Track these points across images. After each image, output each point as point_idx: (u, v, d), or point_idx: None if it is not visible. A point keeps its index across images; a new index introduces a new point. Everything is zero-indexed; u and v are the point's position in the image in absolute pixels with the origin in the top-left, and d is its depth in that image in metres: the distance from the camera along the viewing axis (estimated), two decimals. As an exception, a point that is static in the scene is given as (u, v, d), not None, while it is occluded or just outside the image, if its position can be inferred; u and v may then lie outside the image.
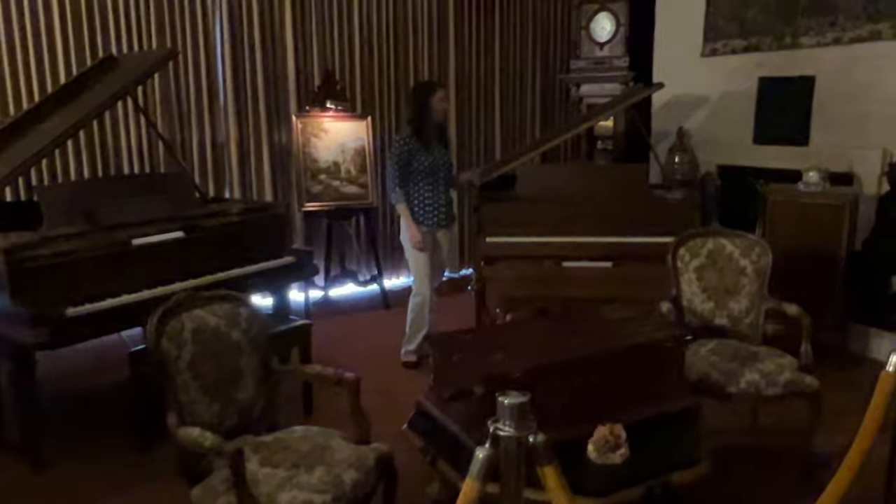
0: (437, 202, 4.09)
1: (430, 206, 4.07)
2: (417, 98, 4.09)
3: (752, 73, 5.17)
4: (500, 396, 1.42)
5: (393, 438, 2.61)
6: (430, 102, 4.00)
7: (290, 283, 4.15)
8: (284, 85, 5.45)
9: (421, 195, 4.06)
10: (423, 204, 4.07)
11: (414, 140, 4.00)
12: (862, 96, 4.56)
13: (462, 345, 2.52)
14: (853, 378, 3.67)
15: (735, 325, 3.25)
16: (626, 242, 4.05)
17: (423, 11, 5.94)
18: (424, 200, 4.07)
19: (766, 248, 3.23)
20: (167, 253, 3.39)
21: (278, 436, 2.28)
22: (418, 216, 4.07)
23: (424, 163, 4.01)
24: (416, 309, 4.20)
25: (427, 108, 4.00)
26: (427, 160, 4.02)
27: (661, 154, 5.42)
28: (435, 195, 4.08)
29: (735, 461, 3.06)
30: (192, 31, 5.06)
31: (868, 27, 4.48)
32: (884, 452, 2.10)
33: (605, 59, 6.05)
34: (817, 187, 4.30)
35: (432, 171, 4.04)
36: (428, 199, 4.07)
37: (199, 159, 5.21)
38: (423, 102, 4.01)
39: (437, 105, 4.02)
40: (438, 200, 4.10)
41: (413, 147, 3.99)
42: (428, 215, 4.08)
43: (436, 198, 4.09)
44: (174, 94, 5.08)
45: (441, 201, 4.11)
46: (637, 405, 2.42)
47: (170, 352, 2.15)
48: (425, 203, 4.07)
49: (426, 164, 4.02)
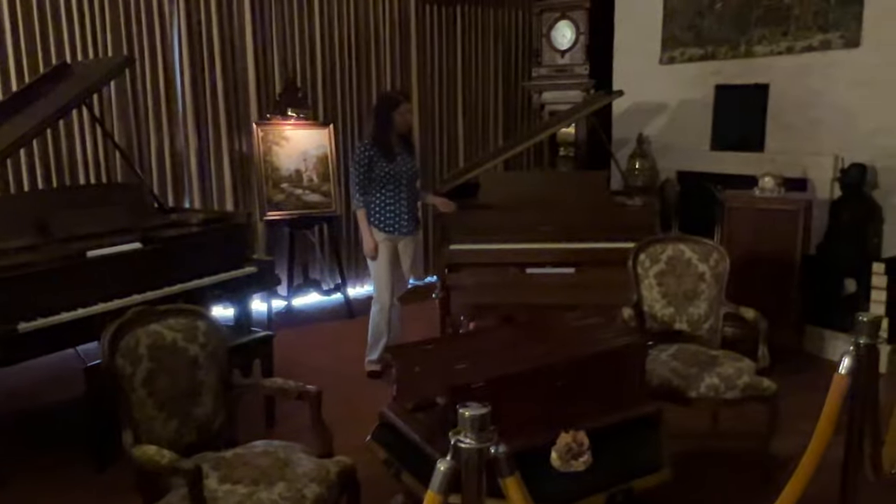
0: (398, 210, 4.06)
1: (390, 213, 4.05)
2: (380, 111, 4.07)
3: (708, 80, 5.28)
4: (460, 408, 1.42)
5: (357, 450, 2.58)
6: (392, 116, 3.98)
7: (251, 294, 4.08)
8: (245, 92, 5.38)
9: (382, 203, 4.04)
10: (384, 210, 4.05)
11: (375, 148, 3.98)
12: (814, 103, 4.69)
13: (424, 355, 2.51)
14: (810, 379, 3.75)
15: (695, 329, 3.30)
16: (588, 248, 4.09)
17: (384, 19, 5.93)
18: (385, 208, 4.04)
19: (724, 253, 3.29)
20: (124, 265, 3.31)
21: (238, 451, 2.24)
22: (379, 223, 4.05)
23: (385, 169, 3.98)
24: (376, 317, 4.18)
25: (389, 121, 3.98)
26: (388, 167, 3.99)
27: (621, 160, 5.50)
28: (396, 203, 4.05)
29: (696, 465, 3.10)
30: (149, 38, 4.97)
31: (819, 37, 4.62)
32: (839, 453, 2.14)
33: (566, 67, 6.12)
34: (773, 193, 4.40)
35: (394, 178, 4.01)
36: (389, 206, 4.04)
37: (157, 168, 5.11)
38: (386, 115, 3.99)
39: (399, 118, 4.00)
40: (399, 208, 4.06)
41: (374, 154, 3.97)
42: (388, 223, 4.06)
43: (397, 205, 4.05)
44: (131, 103, 4.99)
45: (402, 209, 4.07)
46: (600, 412, 2.44)
47: (124, 369, 2.10)
48: (386, 210, 4.04)
49: (387, 172, 3.99)
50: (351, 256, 5.96)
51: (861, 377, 2.04)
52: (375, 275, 4.16)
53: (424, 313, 4.88)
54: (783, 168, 4.52)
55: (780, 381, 2.97)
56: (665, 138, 5.66)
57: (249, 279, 3.81)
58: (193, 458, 2.06)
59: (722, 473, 3.09)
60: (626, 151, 5.77)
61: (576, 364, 2.42)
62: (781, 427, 3.04)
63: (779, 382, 2.96)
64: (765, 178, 4.42)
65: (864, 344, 2.01)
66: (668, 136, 5.63)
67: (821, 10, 4.59)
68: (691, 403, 2.87)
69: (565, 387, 2.37)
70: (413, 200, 4.16)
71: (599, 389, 2.47)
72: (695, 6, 5.34)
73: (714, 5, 5.21)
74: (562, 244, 4.14)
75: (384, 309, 4.15)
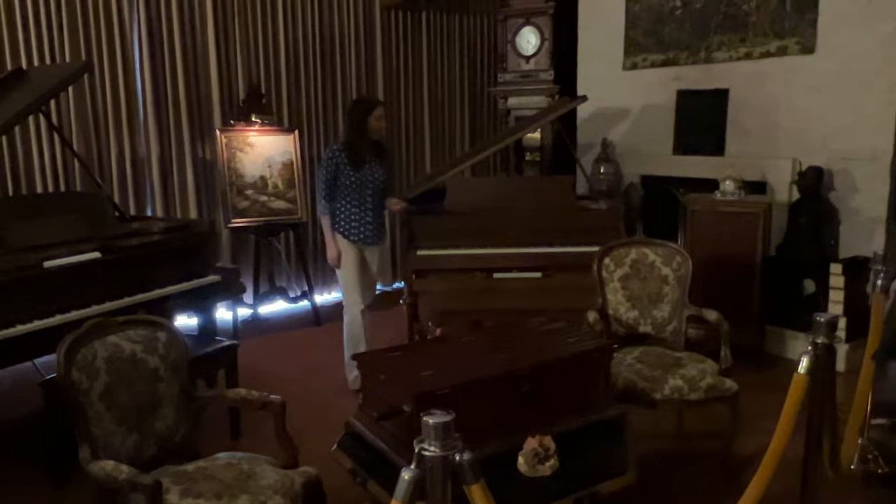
0: (363, 219, 3.99)
1: (354, 221, 3.98)
2: (354, 114, 4.00)
3: (670, 86, 5.36)
4: (424, 416, 1.41)
5: (323, 460, 2.56)
6: (367, 120, 3.91)
7: (216, 303, 4.02)
8: (208, 98, 5.32)
9: (347, 210, 3.98)
10: (349, 219, 3.98)
11: (343, 154, 3.92)
12: (772, 108, 4.79)
13: (390, 362, 2.50)
14: (771, 378, 3.82)
15: (659, 332, 3.34)
16: (554, 252, 4.11)
17: (349, 25, 5.91)
18: (350, 216, 3.98)
19: (686, 256, 3.34)
20: (83, 275, 3.23)
21: (200, 464, 2.20)
22: (344, 231, 3.99)
23: (351, 177, 3.92)
24: (350, 328, 4.08)
25: (364, 125, 3.91)
26: (354, 175, 3.92)
27: (586, 165, 5.55)
28: (361, 211, 3.98)
29: (661, 466, 3.14)
30: (108, 42, 4.89)
31: (776, 43, 4.72)
32: (800, 451, 2.18)
33: (531, 73, 6.16)
34: (733, 196, 4.48)
35: (359, 186, 3.94)
36: (353, 214, 3.98)
37: (118, 176, 5.02)
38: (361, 119, 3.92)
39: (374, 123, 3.93)
40: (364, 217, 3.99)
41: (341, 161, 3.92)
42: (353, 231, 3.99)
43: (362, 214, 3.98)
44: (90, 109, 4.89)
45: (367, 218, 4.00)
46: (566, 416, 2.45)
47: (81, 383, 2.05)
48: (350, 218, 3.98)
49: (353, 180, 3.92)
50: (318, 263, 5.92)
51: (819, 377, 2.09)
52: (343, 282, 4.09)
53: (392, 319, 4.86)
54: (743, 171, 4.60)
55: (742, 381, 3.02)
56: (629, 143, 5.73)
57: (213, 288, 3.76)
58: (154, 472, 2.02)
59: (687, 474, 3.13)
60: (591, 156, 5.83)
61: (541, 369, 2.42)
62: (744, 426, 3.09)
63: (741, 382, 3.01)
64: (725, 181, 4.50)
65: (821, 344, 2.06)
66: (632, 140, 5.71)
67: (777, 17, 4.70)
68: (656, 405, 2.90)
69: (531, 392, 2.37)
70: (379, 210, 4.09)
71: (565, 394, 2.48)
72: (656, 13, 5.42)
73: (675, 12, 5.30)
74: (528, 249, 4.15)
75: (356, 317, 4.03)
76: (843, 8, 4.38)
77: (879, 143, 4.30)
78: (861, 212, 4.42)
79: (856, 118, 4.38)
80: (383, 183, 4.06)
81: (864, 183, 4.39)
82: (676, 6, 5.28)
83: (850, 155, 4.42)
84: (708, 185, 4.73)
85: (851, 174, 4.44)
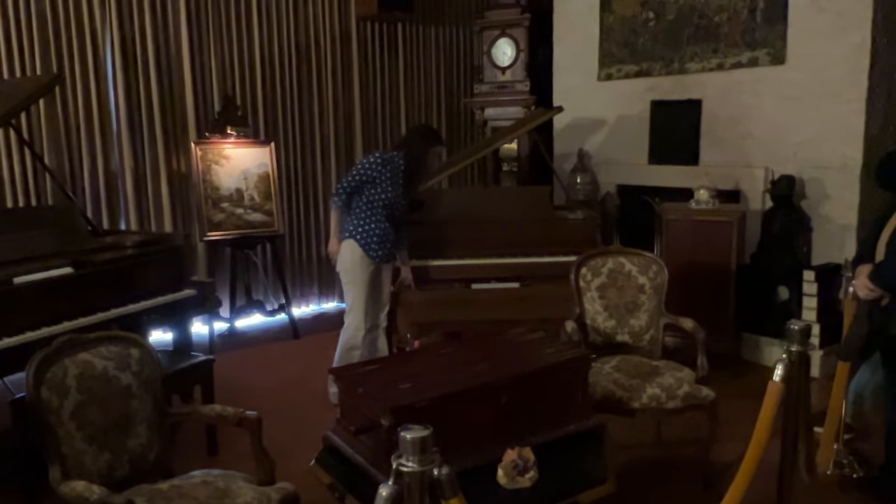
0: (389, 237, 3.89)
1: (381, 238, 3.85)
2: (422, 142, 3.89)
3: (644, 96, 5.42)
4: (401, 431, 1.40)
5: (301, 475, 2.53)
6: (430, 152, 3.85)
7: (191, 317, 3.97)
8: (182, 110, 5.26)
9: (376, 225, 3.84)
10: (378, 235, 3.84)
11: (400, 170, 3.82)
12: (744, 118, 4.86)
13: (368, 376, 2.48)
14: (747, 385, 3.85)
15: (636, 341, 3.36)
16: (532, 263, 4.13)
17: (325, 36, 5.90)
18: (378, 231, 3.84)
19: (662, 265, 3.37)
20: (54, 291, 3.17)
21: (175, 482, 2.16)
22: (366, 245, 3.83)
23: (390, 193, 3.81)
24: (345, 345, 3.88)
25: (425, 154, 3.85)
26: (393, 193, 3.82)
27: (563, 175, 5.59)
28: (387, 230, 3.87)
29: (640, 475, 3.15)
30: (80, 54, 4.82)
31: (747, 54, 4.79)
32: (777, 457, 2.20)
33: (507, 84, 6.20)
34: (707, 205, 4.53)
35: (392, 205, 3.85)
36: (381, 230, 3.84)
37: (91, 190, 4.94)
38: (425, 148, 3.85)
39: (432, 159, 3.90)
40: (389, 236, 3.89)
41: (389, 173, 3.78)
42: (378, 247, 3.84)
43: (387, 233, 3.88)
44: (62, 122, 4.82)
45: (391, 237, 3.90)
46: (545, 427, 2.45)
47: (50, 402, 2.00)
48: (379, 234, 3.84)
49: (390, 196, 3.82)
50: (295, 276, 5.88)
51: (794, 383, 2.11)
52: (352, 300, 3.89)
53: (371, 331, 4.83)
54: (717, 181, 4.65)
55: (719, 388, 3.05)
56: (605, 153, 5.78)
57: (188, 302, 3.70)
58: (127, 492, 1.98)
59: (666, 482, 3.14)
60: (567, 166, 5.86)
61: (519, 380, 2.42)
62: (722, 433, 3.11)
63: (718, 389, 3.03)
64: (700, 190, 4.55)
65: (795, 351, 2.08)
66: (608, 150, 5.75)
67: (748, 28, 4.77)
68: (634, 414, 2.91)
69: (510, 403, 2.37)
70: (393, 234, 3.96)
71: (544, 404, 2.48)
72: (630, 24, 5.48)
73: (648, 24, 5.36)
74: (506, 259, 4.16)
75: (355, 339, 3.86)
76: (811, 20, 4.47)
77: (849, 151, 4.38)
78: (832, 219, 4.49)
79: (825, 127, 4.46)
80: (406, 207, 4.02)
81: (835, 191, 4.46)
82: (650, 18, 5.35)
83: (820, 164, 4.50)
84: (683, 194, 4.78)
85: (822, 182, 4.51)
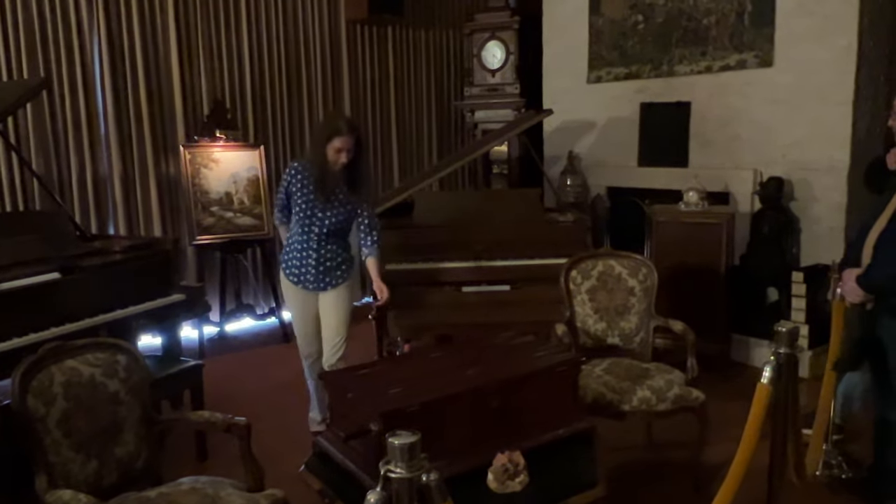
0: (305, 259, 3.33)
1: (295, 259, 3.37)
2: (317, 138, 3.36)
3: (633, 99, 5.43)
4: (389, 437, 1.40)
5: (291, 481, 2.52)
6: (327, 148, 3.21)
7: (180, 322, 3.95)
8: (171, 114, 5.24)
9: (291, 242, 3.40)
10: (290, 253, 3.40)
11: (299, 176, 3.29)
12: (733, 120, 4.89)
13: (357, 380, 2.47)
14: (738, 387, 3.86)
15: (626, 343, 3.37)
16: (522, 265, 4.12)
17: (315, 39, 5.88)
18: (292, 249, 3.39)
19: (652, 267, 3.37)
20: (41, 297, 3.14)
21: (163, 490, 2.14)
22: (289, 266, 3.41)
23: (301, 205, 3.28)
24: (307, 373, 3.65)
25: (323, 152, 3.23)
26: (304, 205, 3.27)
27: (553, 178, 5.59)
28: (304, 249, 3.32)
29: (631, 478, 3.15)
30: (67, 58, 4.78)
31: (735, 57, 4.82)
32: (767, 459, 2.21)
33: (498, 86, 6.21)
34: (697, 207, 4.55)
35: (307, 220, 3.29)
36: (295, 250, 3.37)
37: (79, 194, 4.91)
38: (322, 145, 3.24)
39: (332, 155, 3.21)
40: (306, 258, 3.32)
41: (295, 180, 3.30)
42: (292, 268, 3.39)
43: (304, 254, 3.32)
44: (49, 126, 4.78)
45: (308, 260, 3.32)
46: (535, 431, 2.44)
47: (37, 409, 1.99)
48: (292, 254, 3.39)
49: (302, 208, 3.27)
50: (286, 279, 5.86)
51: (782, 386, 2.12)
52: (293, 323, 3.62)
53: (361, 335, 4.81)
54: (706, 182, 4.67)
55: (709, 390, 3.06)
56: (595, 155, 5.79)
57: (178, 307, 3.68)
58: (114, 500, 1.96)
59: (656, 485, 3.14)
60: (557, 168, 5.87)
61: (510, 384, 2.42)
62: (712, 435, 3.12)
63: (708, 391, 3.04)
64: (689, 192, 4.57)
65: (783, 353, 2.09)
66: (598, 152, 5.76)
67: (736, 31, 4.80)
68: (625, 417, 2.91)
69: (500, 407, 2.37)
70: (331, 255, 3.37)
71: (534, 408, 2.47)
72: (619, 27, 5.50)
73: (637, 27, 5.38)
74: (497, 262, 4.15)
75: (308, 364, 3.60)
76: (799, 23, 4.49)
77: (836, 153, 4.41)
78: (821, 221, 4.52)
79: (813, 130, 4.49)
80: (341, 225, 3.36)
81: (823, 193, 4.49)
82: (638, 21, 5.37)
83: (808, 165, 4.52)
84: (673, 196, 4.80)
85: (810, 184, 4.54)
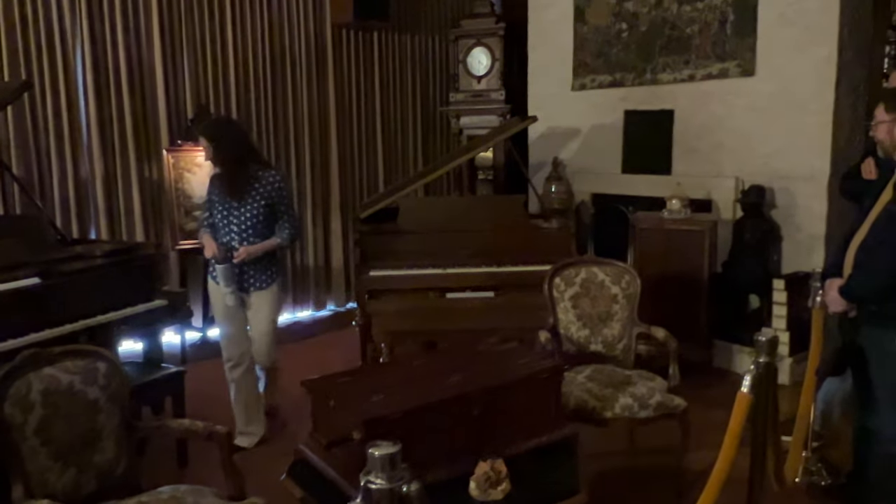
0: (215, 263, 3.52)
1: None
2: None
3: (617, 106, 5.47)
4: (369, 448, 1.39)
5: (273, 489, 2.50)
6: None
7: (162, 328, 3.92)
8: (154, 118, 5.20)
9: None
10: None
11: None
12: (716, 128, 4.93)
13: (340, 388, 2.46)
14: (719, 393, 3.87)
15: (609, 350, 3.38)
16: (506, 272, 4.13)
17: (300, 43, 5.87)
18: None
19: (635, 275, 3.40)
20: (20, 302, 3.10)
21: (143, 499, 2.12)
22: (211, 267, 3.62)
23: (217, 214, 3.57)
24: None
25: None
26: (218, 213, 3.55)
27: (538, 184, 5.61)
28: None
29: (613, 485, 3.16)
30: (49, 60, 4.73)
31: (717, 66, 4.87)
32: (747, 466, 2.22)
33: (483, 93, 6.23)
34: (679, 214, 4.58)
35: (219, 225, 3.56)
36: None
37: (60, 198, 4.85)
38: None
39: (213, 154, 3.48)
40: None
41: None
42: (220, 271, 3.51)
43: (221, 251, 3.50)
44: (30, 128, 4.72)
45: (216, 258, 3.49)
46: (517, 438, 2.45)
47: (14, 418, 1.96)
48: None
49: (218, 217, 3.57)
50: (269, 284, 5.82)
51: (762, 393, 2.14)
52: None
53: (345, 341, 4.81)
54: (689, 190, 4.71)
55: (691, 397, 3.08)
56: (579, 162, 5.82)
57: (159, 313, 3.65)
58: (92, 509, 1.94)
59: (638, 491, 3.16)
60: (542, 175, 5.89)
61: (492, 392, 2.42)
62: (695, 441, 3.13)
63: (690, 397, 3.06)
64: (672, 200, 4.60)
65: (763, 362, 2.11)
66: (583, 159, 5.79)
67: (718, 40, 4.85)
68: (607, 424, 2.92)
69: (482, 415, 2.37)
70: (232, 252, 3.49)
71: (517, 415, 2.48)
72: (603, 35, 5.54)
73: (621, 35, 5.42)
74: (481, 268, 4.16)
75: (229, 368, 3.60)
76: (780, 33, 4.55)
77: (817, 162, 4.46)
78: (802, 229, 4.56)
79: (794, 139, 4.54)
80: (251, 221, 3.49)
81: (804, 201, 4.54)
82: (622, 29, 5.41)
83: (789, 174, 4.57)
84: (657, 203, 4.83)
85: (791, 192, 4.59)
